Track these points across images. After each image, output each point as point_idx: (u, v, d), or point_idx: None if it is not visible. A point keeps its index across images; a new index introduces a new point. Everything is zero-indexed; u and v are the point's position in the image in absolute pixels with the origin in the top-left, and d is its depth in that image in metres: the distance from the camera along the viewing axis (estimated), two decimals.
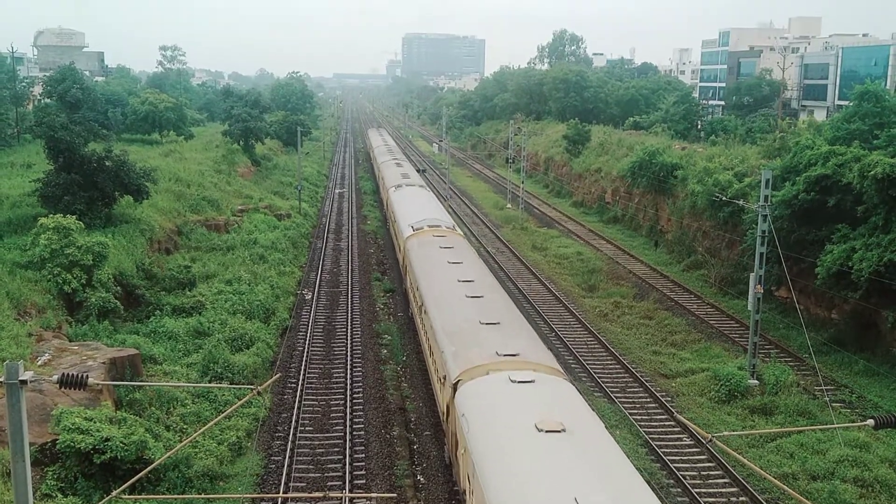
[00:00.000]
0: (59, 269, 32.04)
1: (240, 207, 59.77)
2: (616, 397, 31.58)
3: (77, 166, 40.69)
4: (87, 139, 44.30)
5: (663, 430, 29.01)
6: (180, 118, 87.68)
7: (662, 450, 27.07)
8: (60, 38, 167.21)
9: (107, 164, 41.42)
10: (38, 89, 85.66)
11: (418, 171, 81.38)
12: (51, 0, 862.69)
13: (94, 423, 21.84)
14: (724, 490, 24.81)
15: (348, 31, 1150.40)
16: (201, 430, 18.05)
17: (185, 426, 25.93)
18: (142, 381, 27.16)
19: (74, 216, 35.03)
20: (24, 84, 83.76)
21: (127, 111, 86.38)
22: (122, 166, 41.95)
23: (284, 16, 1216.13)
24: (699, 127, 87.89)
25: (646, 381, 33.38)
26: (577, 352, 36.73)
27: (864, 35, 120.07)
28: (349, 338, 38.04)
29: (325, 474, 25.50)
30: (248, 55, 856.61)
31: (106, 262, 34.31)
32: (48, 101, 79.05)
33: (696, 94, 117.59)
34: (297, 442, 27.32)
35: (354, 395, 31.31)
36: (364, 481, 25.09)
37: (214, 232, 51.48)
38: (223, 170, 68.85)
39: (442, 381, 24.50)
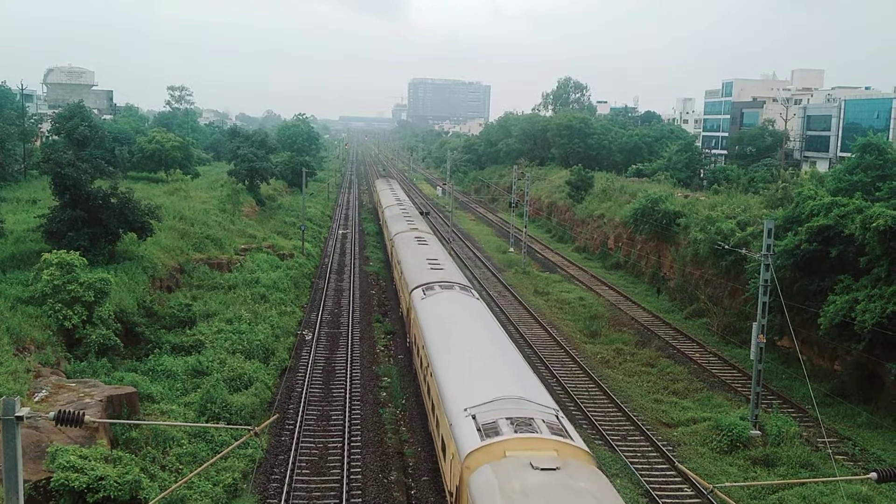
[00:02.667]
0: (60, 304, 32.01)
1: (243, 246, 59.86)
2: (617, 445, 31.27)
3: (82, 203, 40.87)
4: (93, 176, 44.57)
5: (664, 479, 28.66)
6: (186, 157, 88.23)
7: (663, 500, 26.73)
8: (70, 76, 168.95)
9: (112, 201, 41.60)
10: (46, 126, 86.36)
11: (422, 213, 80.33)
12: (61, 38, 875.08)
13: (89, 461, 21.63)
14: None
15: (355, 74, 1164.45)
16: (197, 471, 17.90)
17: (180, 466, 25.67)
18: (138, 419, 26.95)
19: (78, 252, 35.10)
20: (32, 121, 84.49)
21: (134, 149, 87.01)
22: (126, 203, 42.13)
23: (292, 59, 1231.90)
24: (702, 175, 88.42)
25: (647, 429, 33.07)
26: (579, 399, 36.47)
27: (866, 88, 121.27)
28: (348, 379, 37.82)
29: None
30: (256, 97, 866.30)
31: (107, 299, 34.28)
32: (56, 137, 79.60)
33: (698, 143, 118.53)
34: (293, 485, 27.02)
35: (352, 438, 31.03)
36: None
37: (217, 270, 51.50)
38: (227, 209, 69.11)
39: None
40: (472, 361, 25.44)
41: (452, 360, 26.08)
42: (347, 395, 35.62)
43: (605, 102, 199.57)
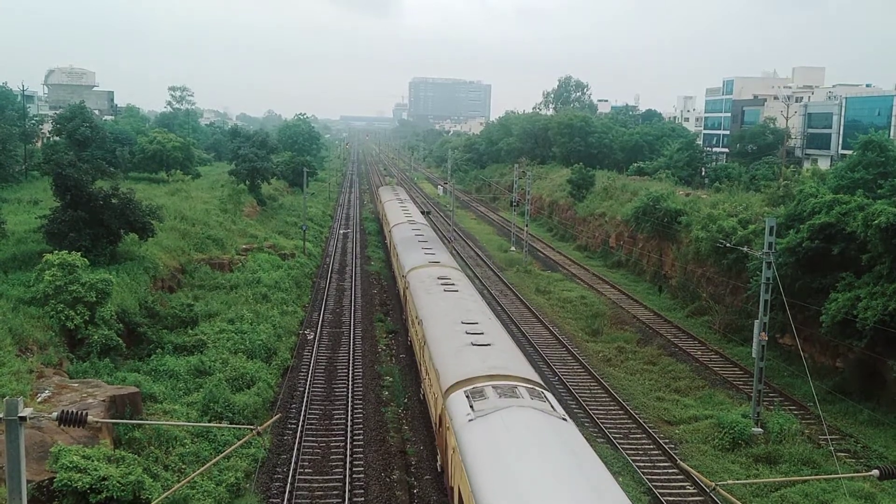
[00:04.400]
0: (62, 305, 32.03)
1: (244, 246, 59.88)
2: (619, 443, 31.27)
3: (84, 203, 40.89)
4: (94, 177, 44.54)
5: (666, 477, 28.66)
6: (187, 157, 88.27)
7: (665, 498, 26.73)
8: (71, 76, 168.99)
9: (113, 201, 41.62)
10: (47, 127, 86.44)
11: (423, 212, 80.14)
12: (62, 39, 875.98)
13: (92, 461, 21.63)
14: None
15: (355, 74, 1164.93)
16: (200, 471, 17.92)
17: (183, 466, 25.67)
18: (141, 419, 26.97)
19: (79, 253, 35.13)
20: (33, 122, 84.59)
21: (135, 150, 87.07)
22: (128, 204, 42.15)
23: (292, 59, 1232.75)
24: (703, 173, 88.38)
25: (649, 427, 33.07)
26: (581, 397, 36.47)
27: (867, 85, 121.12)
28: (350, 379, 37.84)
29: None
30: (257, 97, 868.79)
31: (109, 300, 34.30)
32: (57, 138, 79.65)
33: (699, 141, 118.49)
34: (296, 484, 27.04)
35: (355, 437, 31.05)
36: None
37: (218, 270, 51.53)
38: (229, 209, 69.13)
39: None
40: None
41: None
42: (349, 394, 35.64)
43: (606, 101, 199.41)
